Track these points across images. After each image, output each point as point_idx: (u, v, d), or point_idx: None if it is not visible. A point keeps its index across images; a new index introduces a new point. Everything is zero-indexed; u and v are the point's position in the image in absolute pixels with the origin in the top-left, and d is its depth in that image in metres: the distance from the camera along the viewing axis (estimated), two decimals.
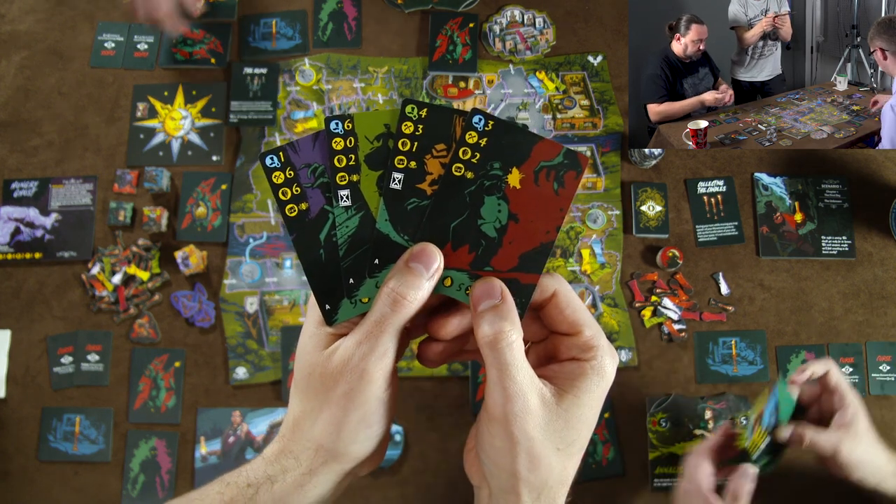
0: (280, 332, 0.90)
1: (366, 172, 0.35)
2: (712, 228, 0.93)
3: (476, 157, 0.35)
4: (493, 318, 0.32)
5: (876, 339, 0.90)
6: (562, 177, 0.35)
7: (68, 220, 0.94)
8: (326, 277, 0.35)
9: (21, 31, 1.01)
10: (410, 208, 0.35)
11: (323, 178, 0.36)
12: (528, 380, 0.32)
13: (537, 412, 0.32)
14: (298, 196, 0.35)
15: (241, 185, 0.95)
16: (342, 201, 0.35)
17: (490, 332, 0.32)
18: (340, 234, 0.35)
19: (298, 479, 0.34)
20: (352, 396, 0.33)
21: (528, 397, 0.32)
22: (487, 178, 0.35)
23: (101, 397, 0.90)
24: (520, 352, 0.32)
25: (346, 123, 0.35)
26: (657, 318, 0.90)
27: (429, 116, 0.35)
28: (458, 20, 1.00)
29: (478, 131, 0.35)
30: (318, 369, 0.34)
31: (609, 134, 0.96)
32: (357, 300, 0.35)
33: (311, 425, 0.34)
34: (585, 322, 0.34)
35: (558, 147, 0.35)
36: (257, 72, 0.98)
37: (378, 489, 0.86)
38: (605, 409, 0.88)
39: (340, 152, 0.35)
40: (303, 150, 0.36)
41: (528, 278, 0.35)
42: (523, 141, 0.35)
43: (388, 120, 0.35)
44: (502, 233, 0.35)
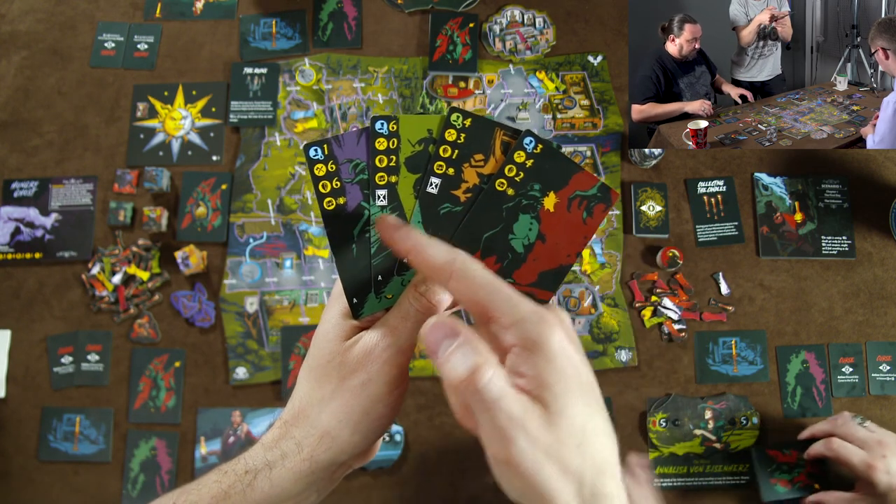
0: (280, 332, 0.90)
1: (404, 174, 0.37)
2: (712, 228, 0.93)
3: (520, 175, 0.37)
4: (461, 359, 0.28)
5: (876, 339, 0.90)
6: (592, 207, 0.37)
7: (68, 220, 0.94)
8: (356, 272, 0.36)
9: (21, 31, 1.01)
10: (443, 213, 0.37)
11: (363, 175, 0.37)
12: (520, 406, 0.28)
13: (541, 433, 0.28)
14: (338, 190, 0.37)
15: (241, 185, 0.95)
16: (378, 200, 0.37)
17: (464, 372, 0.28)
18: (373, 232, 0.36)
19: (297, 464, 0.35)
20: (368, 387, 0.34)
21: (528, 425, 0.28)
22: (526, 198, 0.37)
23: (101, 397, 0.90)
24: (501, 381, 0.28)
25: (391, 125, 0.36)
26: (657, 318, 0.90)
27: (472, 126, 0.36)
28: (458, 20, 1.00)
29: (527, 152, 0.36)
30: (339, 358, 0.35)
31: (609, 134, 0.96)
32: (383, 296, 0.37)
33: (318, 412, 0.35)
34: (488, 302, 0.30)
35: (595, 180, 0.37)
36: (257, 72, 0.98)
37: (378, 489, 0.86)
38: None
39: (382, 152, 0.36)
40: (347, 144, 0.37)
41: (543, 294, 0.37)
42: (565, 169, 0.37)
43: (432, 125, 0.37)
44: (529, 250, 0.37)
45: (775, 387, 0.88)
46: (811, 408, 0.88)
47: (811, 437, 0.81)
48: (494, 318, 0.30)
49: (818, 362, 0.89)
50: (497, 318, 0.30)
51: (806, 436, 0.82)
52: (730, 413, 0.87)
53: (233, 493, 0.34)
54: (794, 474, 0.84)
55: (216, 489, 0.35)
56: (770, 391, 0.88)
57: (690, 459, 0.87)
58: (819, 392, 0.88)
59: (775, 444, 0.86)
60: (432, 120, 0.36)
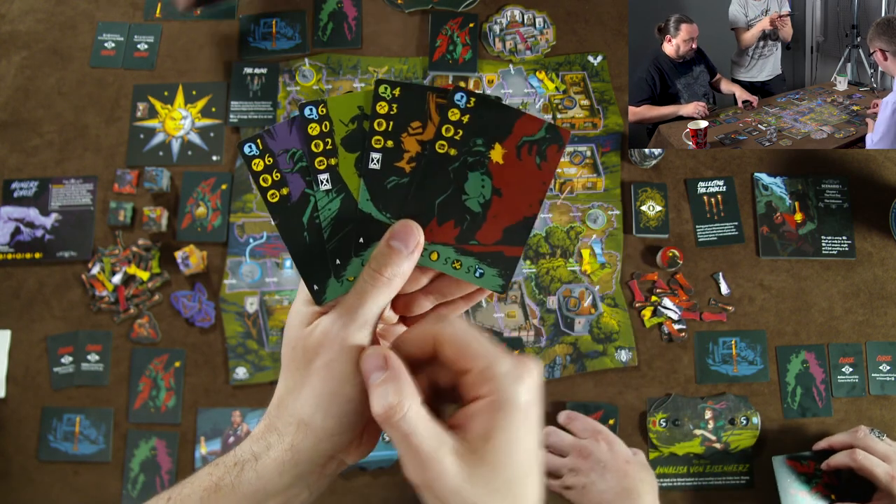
0: (280, 332, 0.90)
1: (343, 155, 0.36)
2: (712, 228, 0.93)
3: (459, 133, 0.36)
4: (383, 393, 0.31)
5: (876, 339, 0.90)
6: (544, 151, 0.35)
7: (68, 220, 0.94)
8: (312, 259, 0.36)
9: (21, 31, 1.01)
10: (391, 187, 0.36)
11: (302, 163, 0.36)
12: (435, 442, 0.31)
13: (454, 469, 0.31)
14: (279, 182, 0.36)
15: (241, 185, 0.95)
16: (322, 185, 0.36)
17: (381, 408, 0.31)
18: (323, 216, 0.36)
19: (281, 455, 0.35)
20: (331, 367, 0.34)
21: (441, 459, 0.31)
22: (471, 155, 0.36)
23: (101, 397, 0.90)
24: (418, 418, 0.31)
25: (319, 108, 0.36)
26: (657, 318, 0.90)
27: (402, 95, 0.36)
28: (458, 20, 1.00)
29: (460, 108, 0.35)
30: (301, 343, 0.35)
31: (609, 134, 0.96)
32: (344, 279, 0.36)
33: (293, 400, 0.35)
34: (473, 353, 0.33)
35: (540, 122, 0.35)
36: (257, 72, 0.98)
37: (378, 489, 0.86)
38: (610, 416, 0.88)
39: (317, 137, 0.36)
40: (280, 136, 0.36)
41: (512, 251, 0.36)
42: (505, 116, 0.35)
43: (362, 102, 0.36)
44: (486, 207, 0.36)
45: (775, 387, 0.88)
46: (811, 408, 0.88)
47: (829, 448, 0.82)
48: (471, 368, 0.32)
49: (818, 362, 0.89)
50: (472, 368, 0.32)
51: (823, 446, 0.83)
52: (730, 413, 0.87)
53: (223, 485, 0.35)
54: (812, 485, 0.84)
55: (208, 481, 0.35)
56: (770, 391, 0.88)
57: (690, 459, 0.87)
58: (819, 392, 0.88)
59: (791, 455, 0.85)
60: (360, 96, 0.36)
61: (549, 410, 0.87)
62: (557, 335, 0.90)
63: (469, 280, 0.36)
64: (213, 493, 0.35)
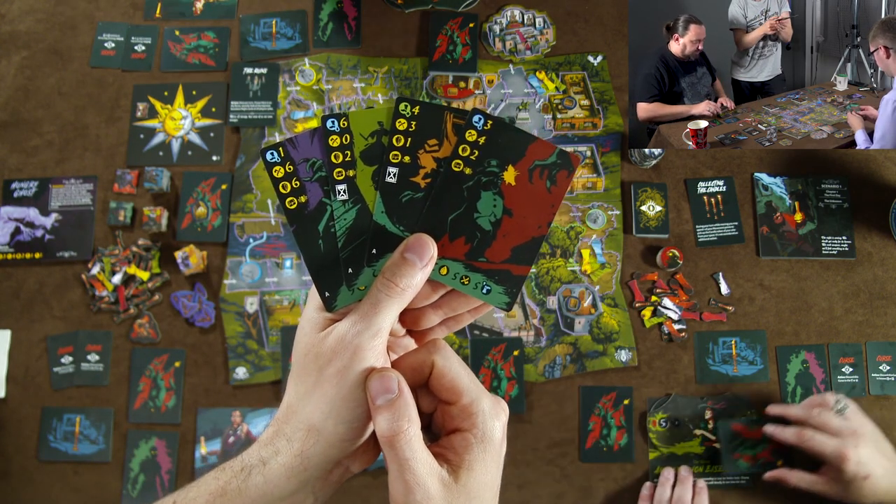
0: (280, 332, 0.90)
1: (361, 168, 0.37)
2: (712, 228, 0.93)
3: (475, 154, 0.37)
4: (391, 416, 0.33)
5: (876, 339, 0.90)
6: (554, 175, 0.37)
7: (68, 220, 0.94)
8: (326, 266, 0.37)
9: (21, 31, 1.01)
10: (405, 200, 0.37)
11: (321, 173, 0.37)
12: (426, 469, 0.33)
13: (439, 496, 0.33)
14: (298, 189, 0.37)
15: (241, 185, 0.95)
16: (339, 195, 0.37)
17: (387, 429, 0.33)
18: (339, 226, 0.37)
19: (289, 460, 0.35)
20: (344, 374, 0.34)
21: (428, 485, 0.33)
22: (485, 175, 0.37)
23: (101, 397, 0.90)
24: (417, 444, 0.33)
25: (341, 121, 0.37)
26: (657, 318, 0.90)
27: (421, 113, 0.37)
28: (458, 20, 1.00)
29: (477, 130, 0.37)
30: (314, 349, 0.36)
31: (609, 134, 0.96)
32: (355, 288, 0.37)
33: (303, 406, 0.36)
34: (464, 388, 0.35)
35: (552, 148, 0.37)
36: (257, 72, 0.98)
37: (378, 489, 0.86)
38: (625, 397, 0.88)
39: (337, 149, 0.37)
40: (301, 145, 0.37)
41: (520, 270, 0.37)
42: (519, 140, 0.37)
43: (382, 117, 0.37)
44: (497, 226, 0.37)
45: (775, 387, 0.88)
46: None
47: (781, 416, 0.82)
48: (459, 400, 0.35)
49: (818, 362, 0.89)
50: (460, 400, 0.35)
51: (776, 412, 0.82)
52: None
53: (229, 490, 0.35)
54: (758, 450, 0.84)
55: (214, 486, 0.35)
56: (770, 391, 0.88)
57: (690, 459, 0.87)
58: (819, 392, 0.88)
59: (739, 419, 0.86)
60: (381, 112, 0.37)
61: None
62: (557, 335, 0.90)
63: (476, 296, 0.38)
64: (219, 498, 0.35)
